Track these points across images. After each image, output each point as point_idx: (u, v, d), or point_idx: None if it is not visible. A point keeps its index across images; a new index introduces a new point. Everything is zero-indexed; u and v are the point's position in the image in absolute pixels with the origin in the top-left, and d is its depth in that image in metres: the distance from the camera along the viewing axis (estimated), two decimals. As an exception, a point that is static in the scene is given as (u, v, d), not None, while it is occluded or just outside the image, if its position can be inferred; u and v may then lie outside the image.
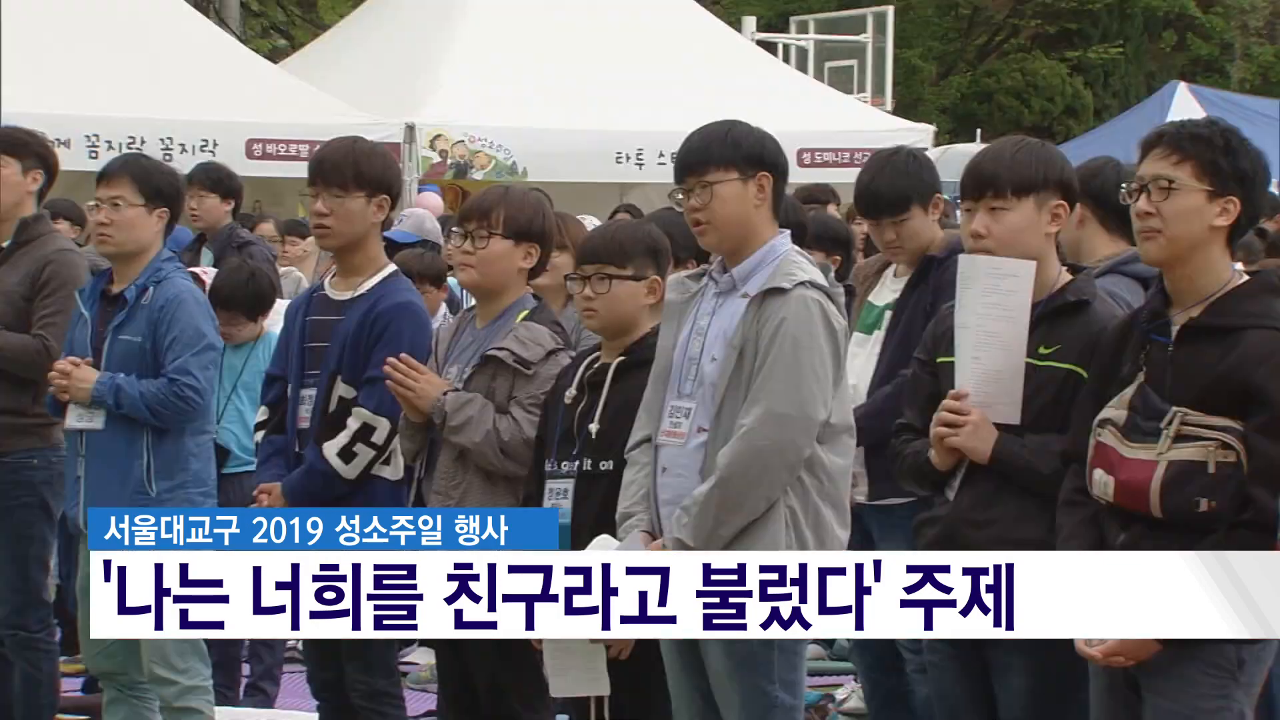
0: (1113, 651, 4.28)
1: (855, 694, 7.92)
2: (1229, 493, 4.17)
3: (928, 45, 29.81)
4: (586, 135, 15.24)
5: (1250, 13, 29.28)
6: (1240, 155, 4.31)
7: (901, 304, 6.09)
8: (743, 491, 4.77)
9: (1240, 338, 4.23)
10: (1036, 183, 4.70)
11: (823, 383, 4.83)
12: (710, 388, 4.90)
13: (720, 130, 4.99)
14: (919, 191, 6.11)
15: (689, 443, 4.93)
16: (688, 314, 5.02)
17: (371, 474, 5.70)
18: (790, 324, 4.81)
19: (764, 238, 4.95)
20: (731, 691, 4.91)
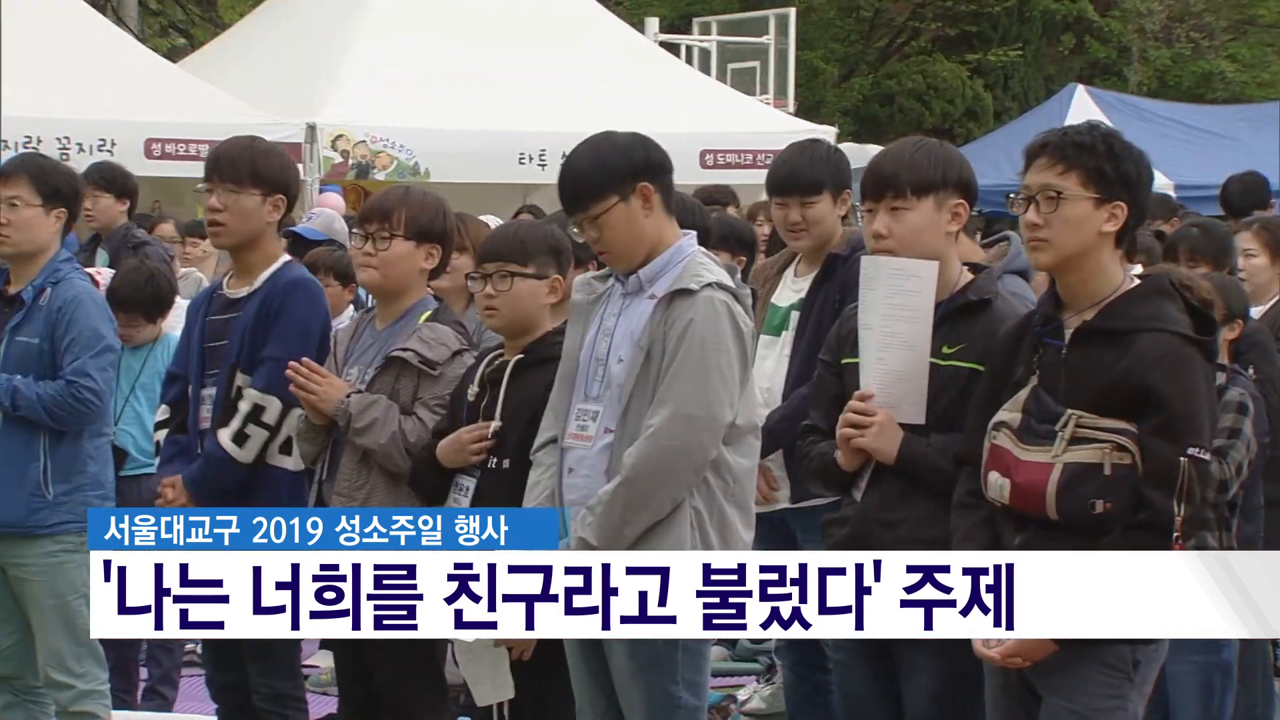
0: (1011, 653, 4.30)
1: (757, 694, 7.94)
2: (1124, 494, 4.21)
3: (830, 47, 29.91)
4: (489, 136, 15.19)
5: (1147, 16, 29.55)
6: (1124, 159, 4.35)
7: (808, 303, 6.11)
8: (648, 492, 4.76)
9: (1133, 341, 4.26)
10: (936, 182, 4.72)
11: (729, 384, 4.83)
12: (617, 389, 4.89)
13: (588, 157, 4.94)
14: (833, 180, 6.16)
15: (596, 444, 4.92)
16: (594, 315, 5.01)
17: (272, 464, 5.67)
18: (698, 325, 4.81)
19: (667, 241, 4.95)
20: (635, 692, 4.91)
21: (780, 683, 7.67)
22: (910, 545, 4.56)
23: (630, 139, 4.98)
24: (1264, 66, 30.59)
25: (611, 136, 4.99)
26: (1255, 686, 6.92)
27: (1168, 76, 30.04)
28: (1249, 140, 20.65)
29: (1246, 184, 11.02)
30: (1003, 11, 29.77)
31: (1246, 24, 30.79)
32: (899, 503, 4.67)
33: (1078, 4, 30.05)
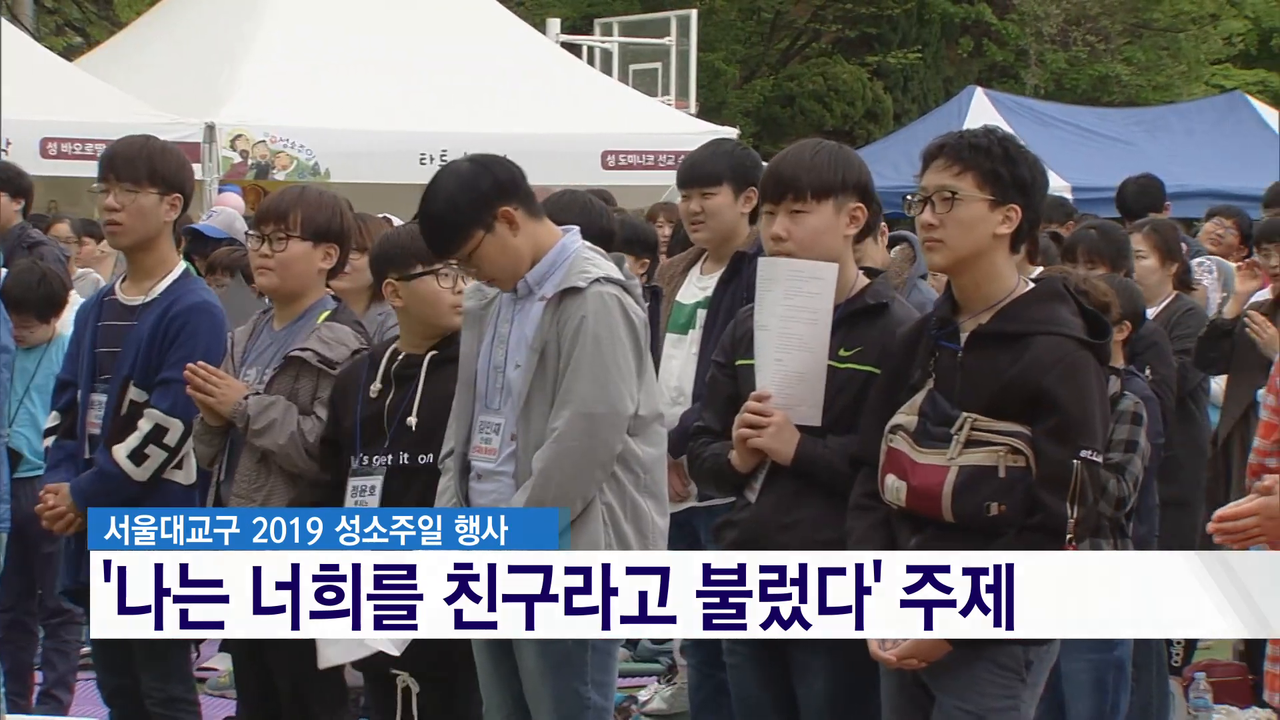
0: (906, 654, 4.33)
1: (658, 695, 7.96)
2: (1018, 496, 4.24)
3: (731, 49, 29.98)
4: (389, 136, 15.12)
5: (1044, 20, 29.78)
6: (1019, 163, 4.38)
7: (716, 301, 6.13)
8: (559, 495, 4.77)
9: (1028, 344, 4.29)
10: (835, 186, 4.74)
11: (628, 376, 4.84)
12: (517, 395, 4.89)
13: (439, 201, 4.91)
14: (734, 174, 6.19)
15: (501, 454, 4.92)
16: (487, 321, 5.00)
17: (163, 478, 5.63)
18: (590, 321, 4.81)
19: (546, 245, 4.95)
20: (544, 692, 4.91)
21: (681, 683, 7.69)
22: (803, 547, 4.57)
23: (473, 168, 4.95)
24: (1159, 70, 30.90)
25: (455, 171, 4.95)
26: (1150, 684, 6.99)
27: (1064, 79, 30.28)
28: (1144, 143, 20.87)
29: (1141, 186, 11.13)
30: (902, 14, 29.95)
31: (1142, 28, 31.08)
32: (794, 504, 4.69)
33: (976, 7, 30.28)
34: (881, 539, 4.43)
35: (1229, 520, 3.99)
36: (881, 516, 4.45)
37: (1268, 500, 3.94)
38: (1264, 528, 3.95)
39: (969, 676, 4.34)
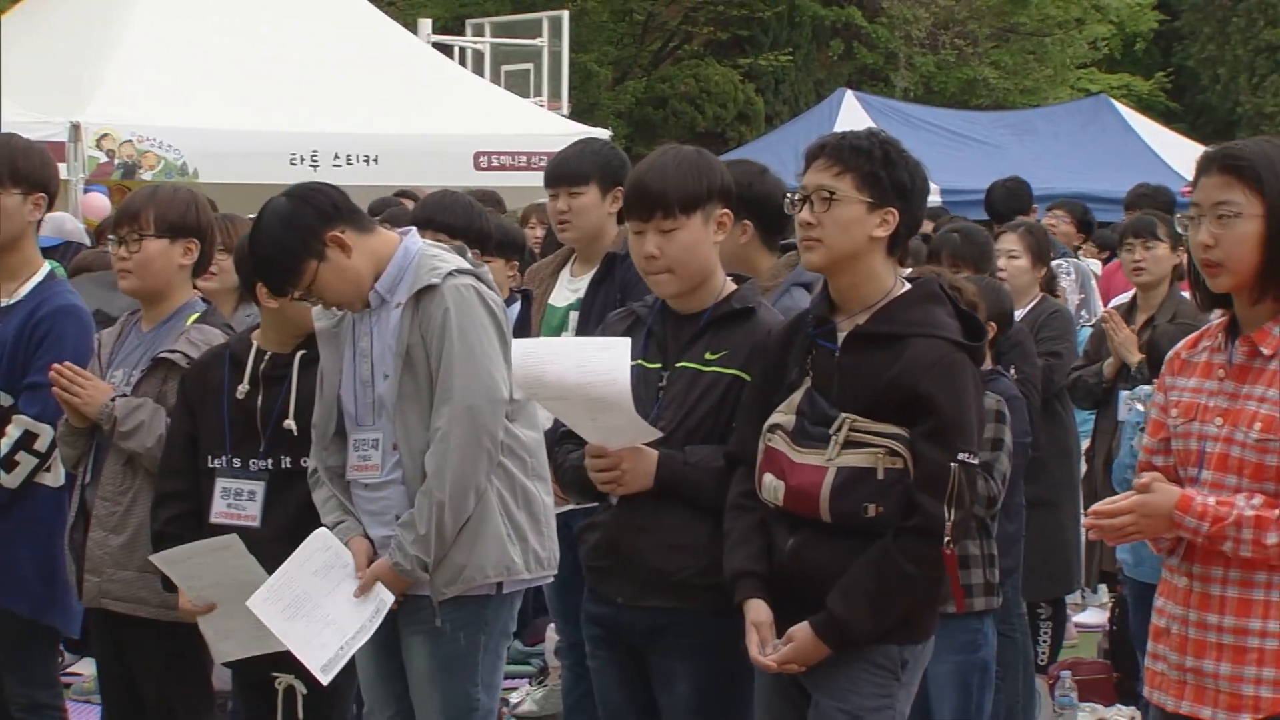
0: (786, 659, 4.34)
1: (529, 697, 7.95)
2: (896, 498, 4.26)
3: (603, 50, 30.00)
4: (259, 136, 14.98)
5: (913, 23, 30.03)
6: (899, 167, 4.40)
7: (588, 303, 6.12)
8: (455, 497, 4.78)
9: (905, 346, 4.31)
10: (702, 197, 4.71)
11: (498, 363, 4.85)
12: (391, 404, 4.87)
13: (266, 240, 4.88)
14: (602, 173, 6.18)
15: (385, 466, 4.90)
16: (344, 338, 4.98)
17: (34, 482, 5.57)
18: (452, 315, 4.81)
19: (385, 255, 4.93)
20: (433, 693, 4.91)
21: (553, 685, 7.69)
22: (664, 551, 4.61)
23: (291, 203, 4.91)
24: (1026, 74, 31.24)
25: (275, 209, 4.91)
26: (1017, 684, 7.06)
27: (933, 83, 30.55)
28: (1011, 146, 21.10)
29: (1009, 189, 11.25)
30: (773, 17, 30.09)
31: (1009, 32, 31.41)
32: (654, 509, 4.67)
33: (846, 10, 30.48)
34: (759, 540, 4.44)
35: (1105, 517, 4.03)
36: (759, 518, 4.46)
37: (1145, 498, 3.98)
38: (1140, 525, 3.98)
39: (846, 677, 4.36)
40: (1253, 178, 3.94)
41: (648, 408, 4.69)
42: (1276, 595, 3.92)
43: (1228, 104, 33.55)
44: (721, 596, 4.54)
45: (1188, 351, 4.17)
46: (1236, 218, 3.95)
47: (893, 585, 4.27)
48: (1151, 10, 33.55)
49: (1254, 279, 3.96)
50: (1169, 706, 4.06)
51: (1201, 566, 3.99)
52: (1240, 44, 33.08)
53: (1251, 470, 3.93)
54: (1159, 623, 4.11)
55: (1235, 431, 3.96)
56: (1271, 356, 3.96)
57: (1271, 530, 3.86)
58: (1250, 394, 3.97)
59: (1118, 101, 23.90)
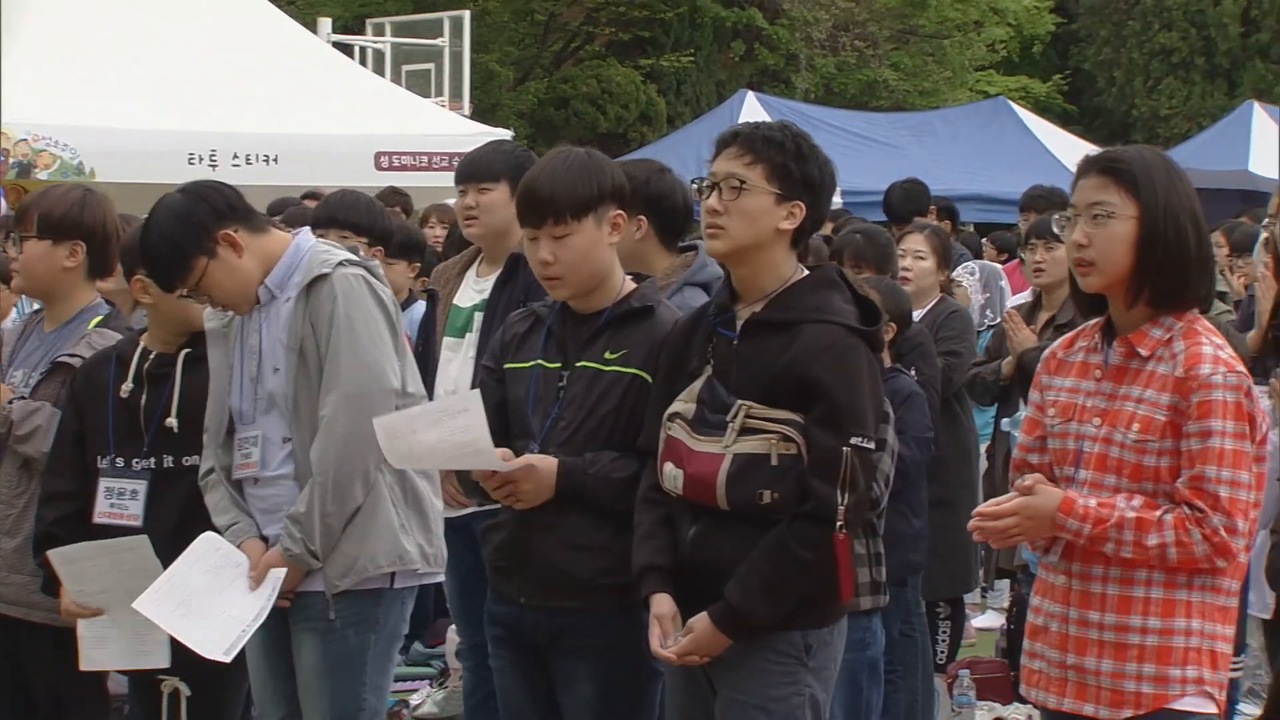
0: (686, 651, 4.35)
1: (430, 699, 7.93)
2: (790, 484, 4.28)
3: (505, 50, 29.93)
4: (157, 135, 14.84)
5: (813, 25, 30.14)
6: (810, 161, 4.42)
7: (493, 304, 6.10)
8: (341, 482, 4.77)
9: (799, 332, 4.33)
10: (593, 199, 4.70)
11: (387, 353, 4.85)
12: (283, 398, 4.85)
13: (157, 234, 4.86)
14: (512, 173, 6.18)
15: (272, 460, 4.88)
16: (233, 335, 4.95)
17: None
18: (341, 304, 4.82)
19: (276, 253, 4.94)
20: (322, 692, 4.89)
21: (453, 687, 7.68)
22: (567, 550, 4.61)
23: (185, 199, 4.91)
24: (925, 76, 31.45)
25: (169, 205, 4.90)
26: (916, 683, 7.10)
27: (834, 84, 30.69)
28: (910, 147, 21.21)
29: (908, 191, 11.31)
30: (675, 18, 30.13)
31: (908, 34, 31.60)
32: (557, 510, 4.67)
33: (747, 12, 30.56)
34: (666, 535, 4.45)
35: (989, 519, 4.07)
36: (666, 511, 4.47)
37: (1027, 500, 4.02)
38: (1023, 527, 4.03)
39: (750, 668, 4.38)
40: (1129, 180, 4.01)
41: (548, 408, 4.69)
42: (1157, 592, 3.98)
43: (1123, 106, 33.91)
44: (625, 596, 4.54)
45: (1064, 351, 4.22)
46: (1110, 218, 4.01)
47: (788, 571, 4.28)
48: (1049, 13, 33.85)
49: (1126, 280, 4.02)
50: (1050, 704, 4.10)
51: (1081, 565, 4.04)
52: (1135, 47, 33.45)
53: (1130, 470, 3.99)
54: (1036, 621, 4.15)
55: (1114, 432, 4.01)
56: (1149, 358, 4.02)
57: (1152, 532, 3.92)
58: (1128, 395, 4.02)
59: (1015, 103, 24.07)
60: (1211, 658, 4.00)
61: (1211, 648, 4.01)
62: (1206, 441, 3.92)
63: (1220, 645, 4.03)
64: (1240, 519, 3.93)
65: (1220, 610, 4.02)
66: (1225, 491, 3.91)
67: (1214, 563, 3.94)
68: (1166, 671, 3.97)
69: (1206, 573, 3.98)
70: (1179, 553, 3.92)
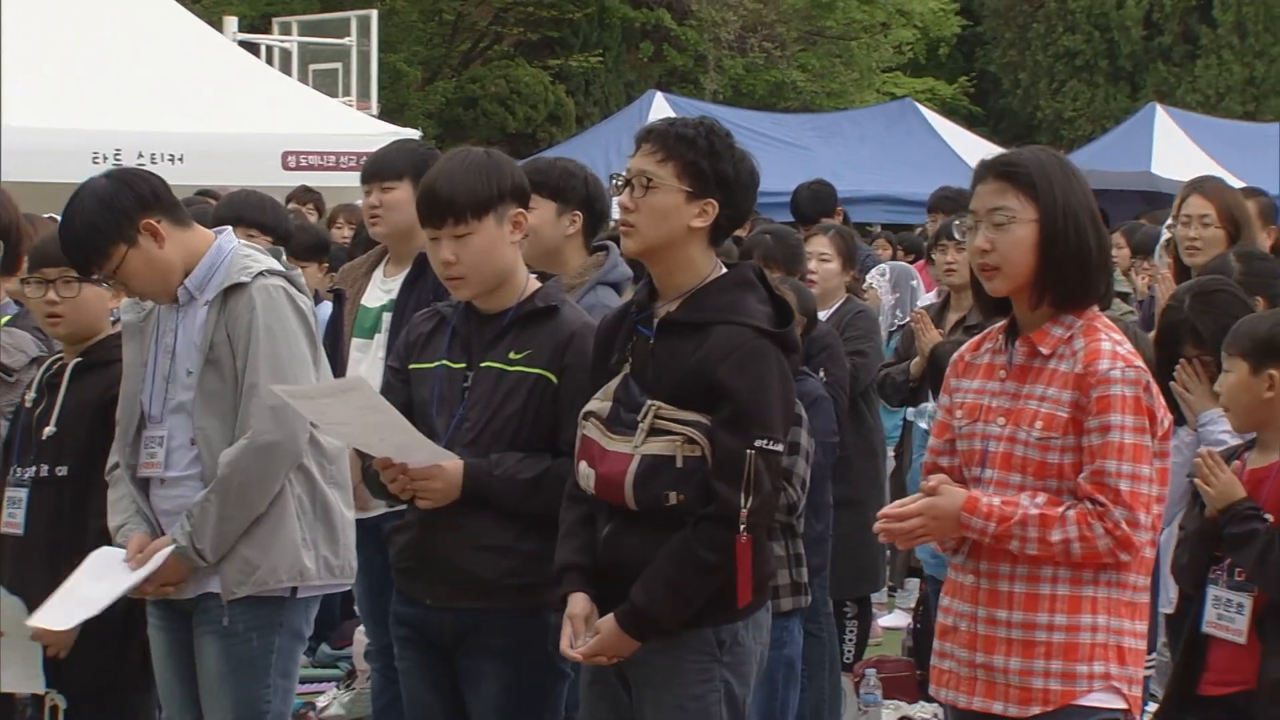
0: (595, 651, 4.35)
1: (336, 701, 7.90)
2: (695, 486, 4.28)
3: (413, 50, 29.82)
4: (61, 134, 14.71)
5: (722, 26, 30.22)
6: (724, 158, 4.40)
7: (401, 304, 6.08)
8: (242, 486, 4.75)
9: (709, 333, 4.33)
10: (493, 199, 4.69)
11: (305, 365, 4.83)
12: (191, 400, 4.82)
13: (79, 219, 4.82)
14: (415, 171, 6.16)
15: (178, 461, 4.85)
16: (148, 332, 4.92)
17: None
18: (260, 315, 4.79)
19: (199, 251, 4.91)
20: (224, 694, 4.87)
21: (360, 689, 7.65)
22: (474, 550, 4.60)
23: (111, 184, 4.88)
24: (832, 77, 31.59)
25: (93, 188, 4.87)
26: (823, 682, 7.13)
27: (742, 85, 30.78)
28: (819, 148, 21.29)
29: (815, 192, 11.35)
30: (583, 18, 30.12)
31: (816, 35, 31.73)
32: (462, 511, 4.65)
33: (655, 13, 30.59)
34: (586, 533, 4.45)
35: (894, 520, 4.09)
36: (588, 510, 4.47)
37: (932, 500, 4.05)
38: (928, 528, 4.06)
39: (664, 667, 4.38)
40: (1027, 184, 4.05)
41: (453, 408, 4.68)
42: (1063, 589, 4.01)
43: (1028, 108, 34.19)
44: (531, 596, 4.54)
45: (971, 354, 4.25)
46: (1012, 222, 4.04)
47: (691, 573, 4.29)
48: (954, 16, 34.09)
49: (1030, 283, 4.05)
50: (960, 703, 4.13)
51: (989, 564, 4.07)
52: (1040, 50, 33.73)
53: (1034, 468, 4.03)
54: (945, 621, 4.18)
55: (1018, 431, 4.04)
56: (1050, 356, 4.06)
57: (1055, 528, 3.95)
58: (1031, 393, 4.06)
59: (922, 105, 24.22)
60: (1119, 653, 4.04)
61: (1119, 643, 4.04)
62: (1106, 436, 3.97)
63: (1128, 640, 4.06)
64: (1142, 512, 3.97)
65: (1127, 605, 4.06)
66: (1126, 485, 3.95)
67: (1117, 557, 3.98)
68: (1074, 668, 4.00)
69: (1112, 568, 4.02)
70: (1082, 548, 3.96)
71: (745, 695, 4.47)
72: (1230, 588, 5.08)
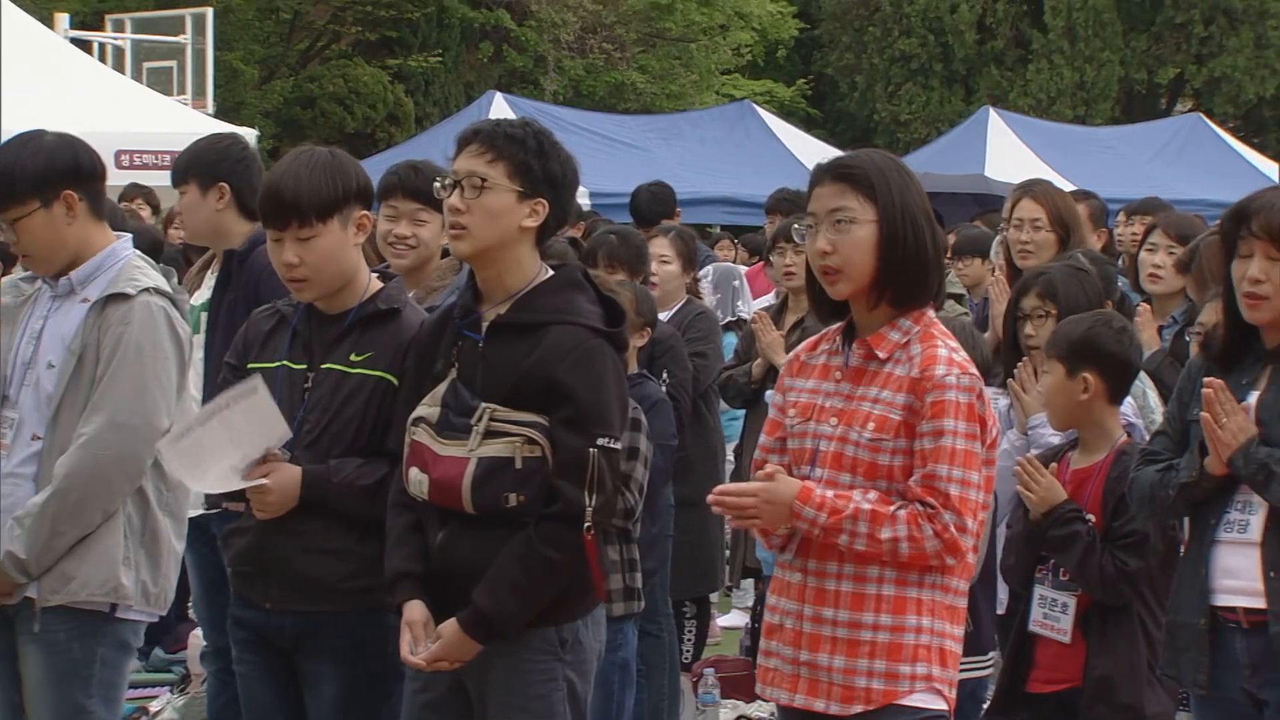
0: (436, 658, 4.33)
1: (170, 705, 7.82)
2: (536, 486, 4.29)
3: (249, 49, 29.53)
4: (-113, 132, 14.44)
5: (561, 27, 30.23)
6: (552, 158, 4.41)
7: (214, 304, 6.01)
8: (80, 502, 4.67)
9: (544, 334, 4.34)
10: (339, 201, 4.66)
11: (166, 391, 4.77)
12: (46, 395, 4.76)
13: (9, 157, 4.81)
14: (198, 172, 6.08)
15: (18, 453, 4.78)
16: (21, 317, 4.86)
17: None
18: (135, 331, 4.73)
19: (96, 246, 4.87)
20: (45, 702, 4.81)
21: (195, 693, 7.57)
22: (313, 553, 4.58)
23: (58, 141, 4.86)
24: (672, 79, 31.71)
25: (39, 137, 4.86)
26: (662, 682, 7.16)
27: (582, 86, 30.81)
28: (659, 150, 21.37)
29: (654, 194, 11.37)
30: (422, 18, 29.99)
31: (655, 37, 31.84)
32: (301, 514, 4.63)
33: (495, 13, 30.54)
34: (418, 540, 4.44)
35: (730, 495, 4.12)
36: (417, 516, 4.45)
37: (768, 485, 4.09)
38: (761, 510, 4.08)
39: (507, 668, 4.38)
40: (866, 185, 4.09)
41: (293, 410, 4.65)
42: (889, 589, 4.06)
43: (865, 111, 34.53)
44: (370, 598, 4.52)
45: (806, 354, 4.30)
46: (852, 224, 4.09)
47: (536, 574, 4.29)
48: (792, 19, 34.35)
49: (870, 284, 4.10)
50: (783, 700, 4.17)
51: (817, 562, 4.11)
52: (876, 53, 34.08)
53: (865, 469, 4.07)
54: (772, 619, 4.22)
55: (849, 431, 4.09)
56: (886, 360, 4.11)
57: (885, 526, 4.00)
58: (865, 395, 4.11)
59: (761, 107, 24.38)
60: (941, 655, 4.09)
61: (941, 645, 4.10)
62: (939, 441, 4.02)
63: (949, 644, 4.12)
64: (969, 518, 4.03)
65: (948, 609, 4.11)
66: (956, 490, 4.01)
67: (943, 560, 4.03)
68: (897, 668, 4.05)
69: (937, 571, 4.07)
70: (910, 548, 4.00)
71: (587, 692, 4.49)
72: (1055, 588, 5.18)
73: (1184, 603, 4.67)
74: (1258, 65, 33.18)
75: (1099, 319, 5.32)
